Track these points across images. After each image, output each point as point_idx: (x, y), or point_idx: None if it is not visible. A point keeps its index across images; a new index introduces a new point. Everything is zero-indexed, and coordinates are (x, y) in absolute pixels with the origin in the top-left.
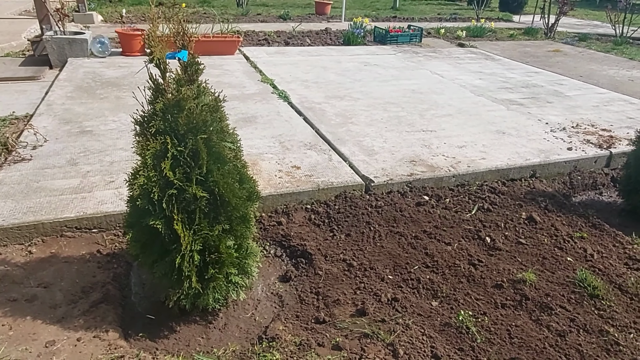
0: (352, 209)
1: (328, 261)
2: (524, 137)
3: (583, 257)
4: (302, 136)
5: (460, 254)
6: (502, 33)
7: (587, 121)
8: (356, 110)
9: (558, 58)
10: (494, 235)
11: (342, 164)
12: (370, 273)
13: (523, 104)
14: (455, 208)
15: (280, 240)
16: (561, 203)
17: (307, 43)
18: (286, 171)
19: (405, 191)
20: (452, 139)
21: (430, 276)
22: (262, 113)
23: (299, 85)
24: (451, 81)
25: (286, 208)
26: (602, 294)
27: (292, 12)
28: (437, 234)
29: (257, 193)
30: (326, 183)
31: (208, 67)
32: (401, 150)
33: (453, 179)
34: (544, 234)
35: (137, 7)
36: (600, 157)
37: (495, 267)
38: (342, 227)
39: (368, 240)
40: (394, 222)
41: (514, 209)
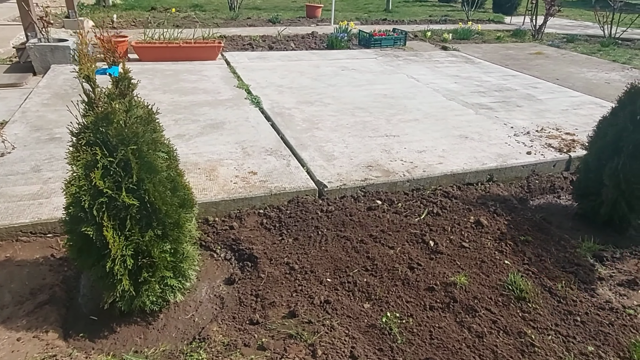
0: (303, 214)
1: (272, 264)
2: (486, 142)
3: (521, 260)
4: (265, 142)
5: (402, 258)
6: (490, 35)
7: (553, 125)
8: (324, 115)
9: (538, 61)
10: (438, 239)
11: (298, 170)
12: (310, 276)
13: (492, 108)
14: (406, 212)
15: (230, 244)
16: (512, 207)
17: (290, 47)
18: (242, 177)
19: (358, 196)
20: (413, 143)
21: (368, 279)
22: (231, 119)
23: (273, 90)
24: (425, 85)
25: (239, 213)
26: (530, 297)
27: (284, 15)
28: (382, 238)
29: (190, 200)
30: (279, 188)
31: (187, 73)
32: (360, 155)
33: (407, 184)
34: (488, 238)
35: (129, 11)
36: (559, 161)
37: (432, 270)
38: (291, 232)
39: (314, 244)
40: (342, 227)
41: (463, 213)
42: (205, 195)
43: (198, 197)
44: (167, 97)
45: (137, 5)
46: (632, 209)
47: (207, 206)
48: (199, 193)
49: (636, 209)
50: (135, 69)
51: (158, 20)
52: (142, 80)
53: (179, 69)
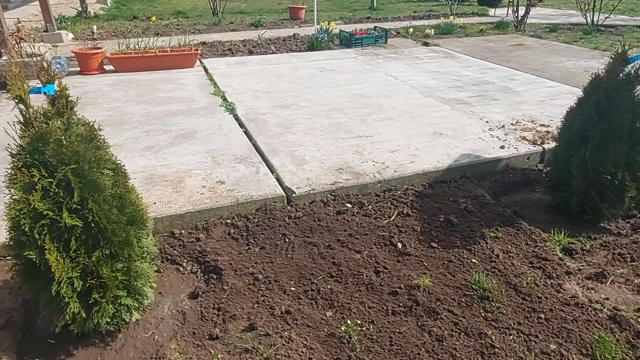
0: (271, 222)
1: (237, 275)
2: (460, 138)
3: (489, 258)
4: (236, 149)
5: (368, 262)
6: (473, 28)
7: (528, 117)
8: (298, 119)
9: (518, 52)
10: (407, 241)
11: (267, 176)
12: (273, 286)
13: (468, 103)
14: (376, 214)
15: (197, 256)
16: (484, 203)
17: (271, 51)
18: (209, 187)
19: (328, 200)
20: (386, 143)
21: (332, 286)
22: (203, 127)
23: (249, 96)
24: (403, 83)
25: (206, 224)
26: (493, 296)
27: (268, 18)
28: (350, 242)
29: (141, 217)
30: (246, 197)
31: (163, 82)
32: (332, 158)
33: (378, 185)
34: (457, 236)
35: (110, 22)
36: (533, 153)
37: (397, 273)
38: (258, 240)
39: (280, 252)
40: (310, 233)
41: (433, 212)
42: (170, 208)
43: (162, 211)
44: (140, 108)
45: (119, 15)
46: (604, 198)
47: (172, 219)
48: (163, 206)
49: (607, 198)
50: (111, 80)
51: (139, 30)
52: (116, 91)
53: (156, 78)
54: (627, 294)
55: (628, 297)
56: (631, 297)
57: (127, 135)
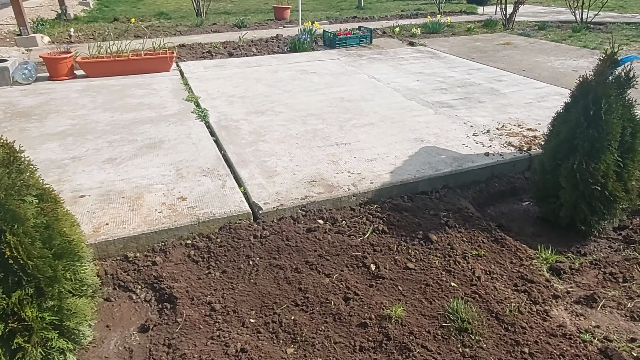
0: (235, 242)
1: (193, 305)
2: (442, 144)
3: (469, 280)
4: (203, 160)
5: (338, 287)
6: (461, 27)
7: (515, 121)
8: (273, 125)
9: (506, 51)
10: (381, 261)
11: (234, 191)
12: (232, 317)
13: (453, 106)
14: (350, 231)
15: (152, 282)
16: (466, 216)
17: (252, 53)
18: (169, 204)
19: (298, 216)
20: (364, 151)
21: (297, 316)
22: (171, 136)
23: (223, 101)
24: (386, 85)
25: (164, 245)
26: (473, 327)
27: (253, 18)
28: (319, 264)
29: (73, 249)
30: (208, 215)
31: (135, 87)
32: (305, 169)
33: (354, 198)
34: (437, 255)
35: (90, 24)
36: (519, 160)
37: (369, 300)
38: (220, 263)
39: (243, 276)
40: (276, 254)
41: (412, 228)
42: (124, 229)
43: (115, 232)
44: (107, 115)
45: (100, 17)
46: (594, 210)
47: (125, 241)
48: (116, 227)
49: (597, 210)
50: (80, 86)
51: (118, 32)
52: (84, 98)
53: (128, 83)
54: (619, 321)
55: (620, 324)
56: (623, 324)
57: (88, 146)
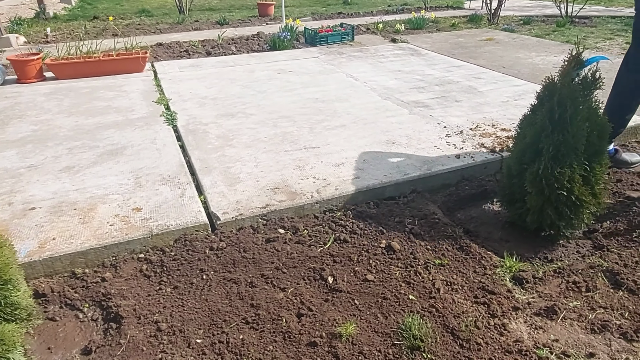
0: (190, 255)
1: (139, 324)
2: (413, 147)
3: (428, 292)
4: (165, 167)
5: (292, 302)
6: (445, 22)
7: (490, 120)
8: (243, 129)
9: (488, 47)
10: (340, 273)
11: (192, 200)
12: (177, 337)
13: (428, 106)
14: (311, 241)
15: (100, 300)
16: (432, 223)
17: (230, 51)
18: (123, 215)
19: (258, 226)
20: (332, 155)
21: (246, 335)
22: (135, 142)
23: (194, 103)
24: (363, 84)
25: (115, 260)
26: (426, 345)
27: (237, 14)
28: (275, 278)
29: None
30: (162, 227)
31: (105, 90)
32: (269, 175)
33: (317, 206)
34: (398, 266)
35: (69, 23)
36: (490, 162)
37: (322, 316)
38: (172, 278)
39: (195, 292)
40: (232, 267)
41: (375, 236)
42: (71, 244)
43: (61, 248)
44: (70, 120)
45: (81, 15)
46: (561, 216)
47: (72, 257)
48: (64, 242)
49: (565, 215)
50: (48, 89)
51: (97, 31)
52: (51, 102)
53: (98, 85)
54: (579, 334)
55: (580, 337)
56: (583, 337)
57: (47, 154)
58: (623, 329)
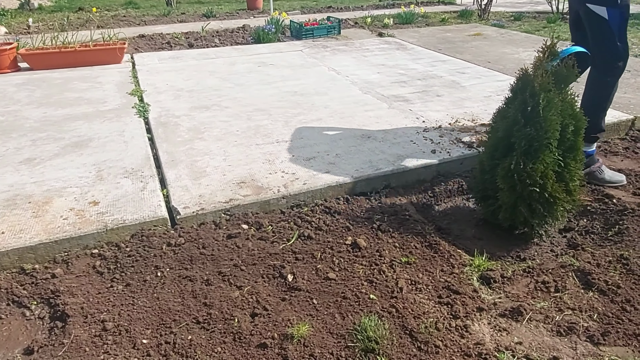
0: (146, 251)
1: (86, 323)
2: (389, 141)
3: (390, 292)
4: (130, 160)
5: (247, 301)
6: (435, 17)
7: (470, 115)
8: (215, 122)
9: (475, 42)
10: (301, 271)
11: (153, 194)
12: (123, 338)
13: (409, 100)
14: (274, 237)
15: (49, 297)
16: (402, 220)
17: (213, 44)
18: (78, 209)
19: (221, 221)
20: (304, 149)
21: (195, 336)
22: (102, 134)
23: (170, 95)
24: (345, 77)
25: (67, 256)
26: (381, 348)
27: (226, 7)
28: (233, 275)
29: None
30: (117, 221)
31: (79, 81)
32: (237, 169)
33: (284, 201)
34: (363, 263)
35: (53, 14)
36: (467, 157)
37: (277, 316)
38: (125, 275)
39: (147, 290)
40: (189, 264)
41: (340, 233)
42: (20, 238)
43: (9, 242)
44: (39, 112)
45: (66, 6)
46: (534, 213)
47: (21, 252)
48: (13, 236)
49: (538, 213)
50: (21, 80)
51: (80, 22)
52: (21, 92)
53: (73, 76)
54: (544, 336)
55: (545, 339)
56: (548, 339)
57: (9, 145)
58: (590, 331)
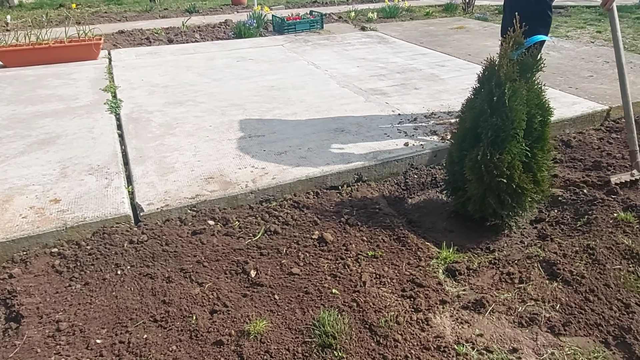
0: (107, 249)
1: (40, 324)
2: (363, 134)
3: (353, 286)
4: (97, 157)
5: (208, 298)
6: (420, 11)
7: (446, 108)
8: (189, 117)
9: (457, 36)
10: (264, 267)
11: (117, 191)
12: (76, 338)
13: (386, 93)
14: (240, 233)
15: (5, 297)
16: (371, 213)
17: (194, 39)
18: (39, 207)
19: (187, 217)
20: (276, 144)
21: (150, 335)
22: (71, 130)
23: (144, 91)
24: (324, 72)
25: (26, 255)
26: (339, 343)
27: (210, 3)
28: (195, 272)
29: None
30: (77, 219)
31: (52, 78)
32: (206, 164)
33: (252, 196)
34: (328, 258)
35: (33, 11)
36: (440, 150)
37: (237, 313)
38: (85, 274)
39: (106, 289)
40: (151, 261)
41: (307, 228)
42: None
43: None
44: (8, 109)
45: (48, 3)
46: (503, 204)
47: None
48: None
49: (506, 204)
50: None
51: (60, 19)
52: None
53: (47, 73)
54: (505, 328)
55: (506, 331)
56: (509, 331)
57: None
58: (552, 322)
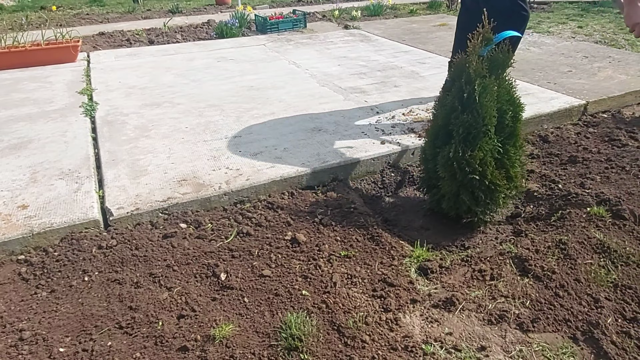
0: (74, 255)
1: (3, 333)
2: (340, 133)
3: (324, 287)
4: (68, 161)
5: (176, 302)
6: (404, 9)
7: (425, 105)
8: (165, 118)
9: (440, 33)
10: (235, 269)
11: (87, 195)
12: (39, 347)
13: (366, 91)
14: (213, 235)
15: None
16: (346, 212)
17: (175, 40)
18: (5, 214)
19: (158, 221)
20: (252, 144)
21: (115, 342)
22: (44, 135)
23: (121, 93)
24: (305, 71)
25: None
26: (305, 344)
27: (194, 3)
28: (164, 276)
29: None
30: (44, 225)
31: (28, 81)
32: (180, 166)
33: (225, 197)
34: (300, 259)
35: (14, 14)
36: (417, 147)
37: (205, 317)
38: (51, 281)
39: (73, 295)
40: (120, 266)
41: (280, 228)
42: None
43: None
44: None
45: (29, 5)
46: (477, 201)
47: None
48: None
49: (480, 201)
50: None
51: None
52: None
53: (22, 76)
54: (474, 325)
55: (475, 329)
56: (479, 329)
57: None
58: (521, 318)
